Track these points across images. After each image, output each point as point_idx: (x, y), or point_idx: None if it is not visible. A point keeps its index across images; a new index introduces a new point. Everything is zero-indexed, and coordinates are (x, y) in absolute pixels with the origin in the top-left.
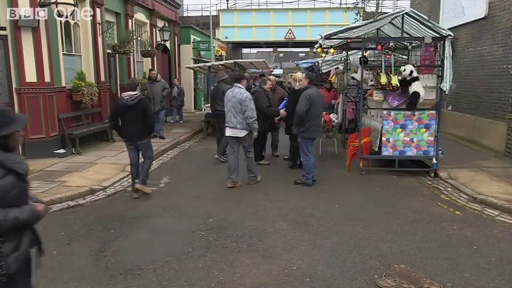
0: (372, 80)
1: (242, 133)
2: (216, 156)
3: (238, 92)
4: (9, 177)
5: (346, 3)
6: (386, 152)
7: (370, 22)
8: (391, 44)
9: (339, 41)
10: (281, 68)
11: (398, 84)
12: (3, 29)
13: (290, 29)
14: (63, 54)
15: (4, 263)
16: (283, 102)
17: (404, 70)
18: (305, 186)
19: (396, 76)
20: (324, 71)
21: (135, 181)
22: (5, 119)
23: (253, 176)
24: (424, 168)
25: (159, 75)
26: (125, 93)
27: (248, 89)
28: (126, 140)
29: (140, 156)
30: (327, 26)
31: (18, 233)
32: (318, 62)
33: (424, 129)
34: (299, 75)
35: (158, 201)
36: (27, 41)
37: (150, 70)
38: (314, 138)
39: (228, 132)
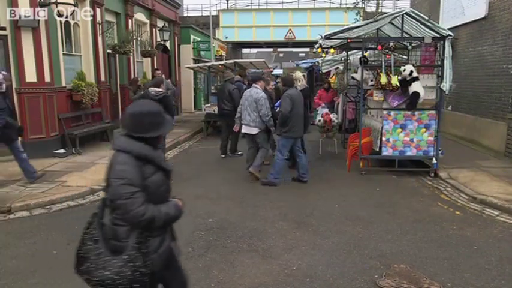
0: (372, 80)
1: (254, 130)
2: (230, 155)
3: (254, 92)
4: (159, 174)
5: (346, 3)
6: (386, 152)
7: (370, 22)
8: (391, 44)
9: (339, 41)
10: (281, 68)
11: (398, 84)
12: (3, 29)
13: (290, 29)
14: (63, 54)
15: (150, 260)
16: (278, 102)
17: (404, 70)
18: (304, 186)
19: (396, 76)
20: (324, 71)
21: None
22: (159, 119)
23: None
24: (424, 168)
25: (163, 76)
26: (152, 88)
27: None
28: None
29: None
30: (327, 26)
31: (163, 228)
32: (318, 62)
33: (424, 129)
34: (298, 74)
35: None
36: (27, 41)
37: (156, 70)
38: (296, 137)
39: (243, 129)
